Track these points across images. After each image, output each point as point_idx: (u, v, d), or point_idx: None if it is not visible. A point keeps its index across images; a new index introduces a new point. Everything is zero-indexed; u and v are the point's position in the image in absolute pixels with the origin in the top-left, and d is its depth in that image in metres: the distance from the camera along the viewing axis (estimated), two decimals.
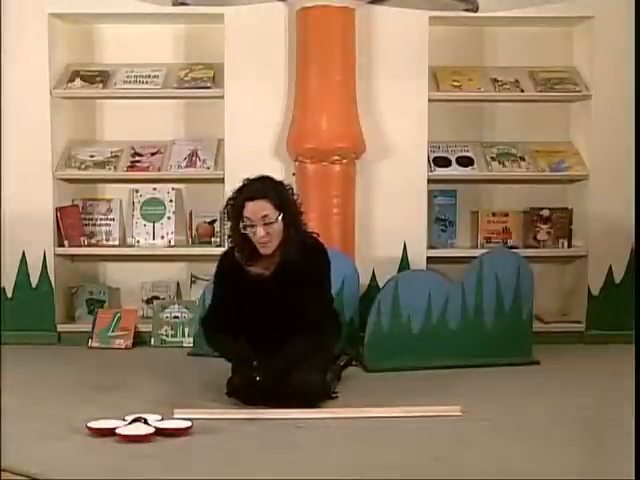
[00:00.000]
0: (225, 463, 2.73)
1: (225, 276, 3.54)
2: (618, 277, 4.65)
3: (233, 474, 2.64)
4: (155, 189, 4.78)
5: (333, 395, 3.47)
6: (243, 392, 3.33)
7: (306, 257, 3.42)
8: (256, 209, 3.34)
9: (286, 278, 3.43)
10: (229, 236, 3.52)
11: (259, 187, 3.39)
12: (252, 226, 3.35)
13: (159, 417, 3.08)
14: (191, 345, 4.49)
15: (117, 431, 2.94)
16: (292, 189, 3.51)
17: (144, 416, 3.05)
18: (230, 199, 3.45)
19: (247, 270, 3.47)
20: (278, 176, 4.44)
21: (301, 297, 3.41)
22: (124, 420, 3.03)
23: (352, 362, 3.92)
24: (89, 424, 3.01)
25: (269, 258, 3.46)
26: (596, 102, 4.60)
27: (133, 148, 4.75)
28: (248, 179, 3.44)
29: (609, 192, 4.60)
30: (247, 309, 3.46)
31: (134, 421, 3.01)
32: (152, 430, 2.95)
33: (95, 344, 4.54)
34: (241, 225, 3.37)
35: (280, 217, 3.36)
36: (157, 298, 4.79)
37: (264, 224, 3.34)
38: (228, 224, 3.49)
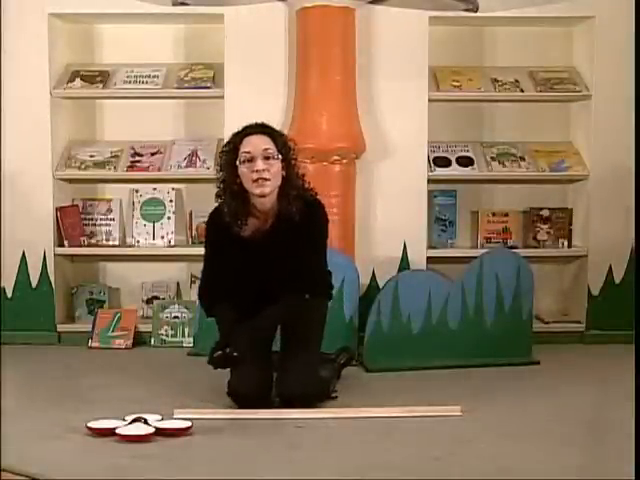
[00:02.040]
0: (225, 463, 2.74)
1: (217, 237, 3.36)
2: (618, 277, 4.64)
3: (233, 474, 2.64)
4: (155, 189, 4.78)
5: (332, 395, 3.47)
6: (241, 397, 3.33)
7: (305, 215, 3.28)
8: (257, 142, 3.22)
9: (283, 239, 3.28)
10: (218, 192, 3.32)
11: (260, 126, 3.30)
12: (251, 160, 3.20)
13: (159, 417, 3.08)
14: (191, 345, 4.49)
15: (117, 431, 2.95)
16: (292, 141, 3.37)
17: (144, 416, 3.05)
18: (226, 143, 3.32)
19: (239, 229, 3.29)
20: None
21: (298, 257, 3.26)
22: (124, 420, 3.03)
23: (352, 360, 3.91)
24: (89, 424, 3.01)
25: (263, 217, 3.31)
26: (596, 102, 4.60)
27: (133, 148, 4.75)
28: (247, 125, 3.33)
29: (609, 192, 4.60)
30: (243, 269, 3.31)
31: (134, 421, 3.01)
32: (152, 430, 2.95)
33: (95, 344, 4.54)
34: (238, 162, 3.21)
35: (281, 158, 3.24)
36: (157, 298, 4.79)
37: (264, 158, 3.20)
38: (220, 175, 3.31)
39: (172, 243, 4.74)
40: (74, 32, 4.75)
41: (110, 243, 4.80)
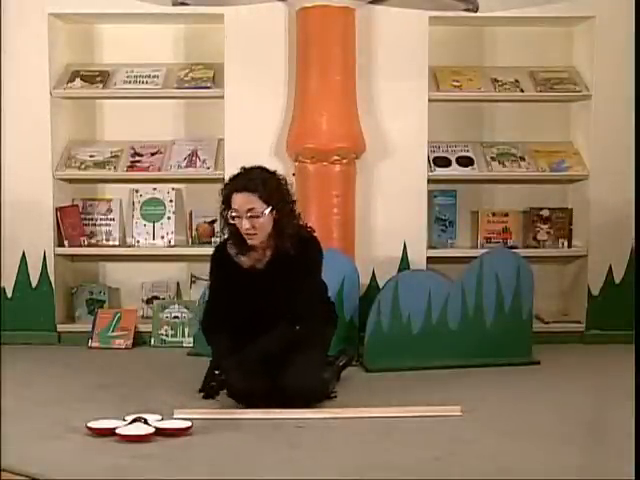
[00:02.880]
0: (225, 463, 2.74)
1: (218, 270, 3.53)
2: (618, 277, 4.65)
3: (233, 474, 2.64)
4: (155, 189, 4.79)
5: (331, 395, 3.47)
6: (241, 396, 3.34)
7: (300, 250, 3.42)
8: (242, 202, 3.34)
9: (279, 271, 3.42)
10: (223, 225, 3.49)
11: (249, 179, 3.36)
12: (239, 217, 3.34)
13: (159, 417, 3.08)
14: (191, 345, 4.49)
15: (117, 431, 2.95)
16: (286, 180, 3.47)
17: (144, 416, 3.05)
18: (223, 188, 3.44)
19: (240, 262, 3.46)
20: None
21: (293, 288, 3.39)
22: (124, 420, 3.03)
23: (352, 362, 3.92)
24: (89, 424, 3.01)
25: (261, 250, 3.45)
26: (596, 102, 4.60)
27: (133, 148, 4.75)
28: (244, 168, 3.42)
29: (609, 192, 4.60)
30: (241, 302, 3.45)
31: (134, 421, 3.01)
32: (152, 430, 2.95)
33: (95, 344, 4.54)
34: (229, 215, 3.37)
35: (268, 211, 3.33)
36: (157, 298, 4.79)
37: (249, 217, 3.33)
38: (222, 213, 3.45)
39: (172, 243, 4.74)
40: (74, 32, 4.75)
41: (110, 243, 4.80)
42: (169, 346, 4.57)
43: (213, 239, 4.72)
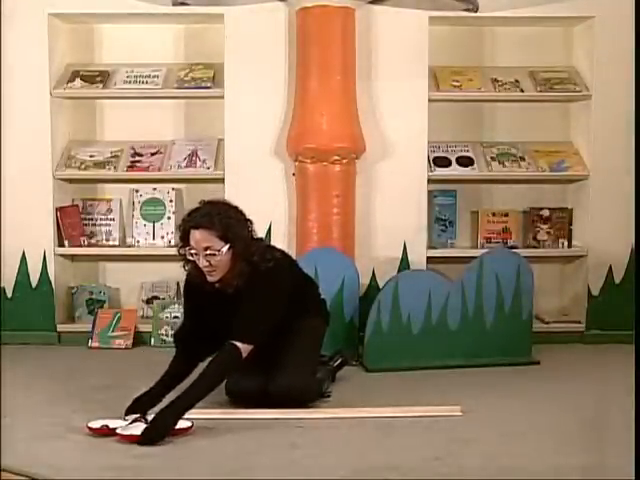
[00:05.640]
0: (225, 463, 2.74)
1: (190, 293, 3.44)
2: (618, 277, 4.64)
3: (233, 474, 2.64)
4: (155, 189, 4.78)
5: (325, 395, 3.47)
6: (238, 397, 3.35)
7: (259, 272, 3.27)
8: (199, 239, 3.19)
9: (244, 290, 3.28)
10: (184, 262, 3.34)
11: (205, 215, 3.22)
12: (196, 254, 3.22)
13: None
14: None
15: (118, 431, 2.95)
16: (244, 214, 3.31)
17: (144, 416, 3.05)
18: (180, 224, 3.33)
19: (209, 289, 3.32)
20: (278, 176, 4.51)
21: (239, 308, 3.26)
22: (124, 420, 3.03)
23: (347, 363, 3.90)
24: (89, 424, 3.01)
25: (229, 276, 3.30)
26: (596, 102, 4.59)
27: (133, 148, 4.75)
28: (203, 201, 3.30)
29: (609, 192, 4.60)
30: (211, 322, 3.35)
31: (134, 421, 3.01)
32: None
33: (95, 344, 4.54)
34: (187, 252, 3.25)
35: (226, 248, 3.19)
36: (157, 298, 4.79)
37: (206, 255, 3.20)
38: (180, 248, 3.32)
39: (172, 243, 4.73)
40: (74, 32, 4.75)
41: (110, 243, 4.80)
42: (169, 346, 4.53)
43: None
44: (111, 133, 4.82)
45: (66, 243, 4.63)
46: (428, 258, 4.57)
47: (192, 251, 3.24)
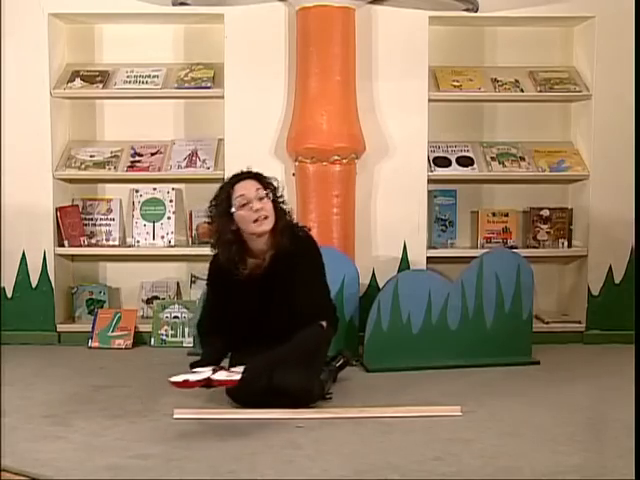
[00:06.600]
0: (225, 463, 2.74)
1: (216, 280, 3.53)
2: (618, 277, 4.64)
3: (233, 474, 2.64)
4: (155, 189, 4.79)
5: (327, 396, 3.47)
6: (239, 396, 3.34)
7: (300, 246, 3.43)
8: (248, 185, 3.39)
9: (281, 269, 3.41)
10: (214, 241, 3.47)
11: (247, 172, 3.45)
12: (247, 203, 3.35)
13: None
14: (191, 345, 4.49)
15: (215, 377, 3.08)
16: (276, 180, 3.52)
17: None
18: (215, 196, 3.45)
19: (237, 273, 3.42)
20: (278, 176, 4.48)
21: (298, 287, 3.38)
22: (195, 372, 3.13)
23: (348, 363, 3.90)
24: (171, 379, 3.10)
25: (259, 257, 3.44)
26: (596, 102, 4.59)
27: (133, 148, 4.75)
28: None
29: (609, 192, 4.60)
30: (242, 307, 3.43)
31: (214, 371, 3.13)
32: (238, 377, 3.09)
33: (95, 344, 4.54)
34: (233, 208, 3.36)
35: (271, 197, 3.39)
36: (157, 298, 4.79)
37: (259, 199, 3.36)
38: (213, 227, 3.45)
39: (172, 243, 4.74)
40: (74, 32, 4.75)
41: (110, 243, 4.80)
42: (169, 346, 4.57)
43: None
44: (111, 133, 4.82)
45: (66, 243, 4.63)
46: (428, 258, 4.57)
47: (242, 202, 3.34)
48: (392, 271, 4.44)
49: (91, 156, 4.71)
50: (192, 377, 3.11)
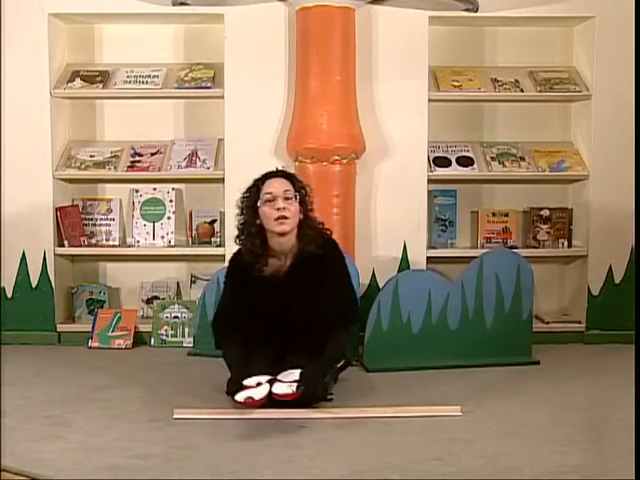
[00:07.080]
0: (225, 463, 2.73)
1: (237, 276, 3.56)
2: (618, 277, 4.64)
3: (233, 474, 2.64)
4: (155, 189, 4.79)
5: (328, 397, 3.46)
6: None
7: (326, 251, 3.49)
8: (278, 184, 3.46)
9: (304, 271, 3.46)
10: (240, 232, 3.52)
11: (281, 171, 3.55)
12: (272, 200, 3.41)
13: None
14: (191, 345, 4.49)
15: (275, 391, 3.11)
16: (308, 186, 3.59)
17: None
18: (247, 188, 3.52)
19: (260, 269, 3.48)
20: None
21: (322, 290, 3.44)
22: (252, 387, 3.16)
23: (350, 364, 3.90)
24: (238, 399, 3.12)
25: (281, 258, 3.50)
26: (596, 102, 4.59)
27: (133, 148, 4.75)
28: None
29: (609, 192, 4.60)
30: (262, 307, 3.47)
31: (269, 383, 3.17)
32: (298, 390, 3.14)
33: (95, 344, 4.54)
34: (259, 202, 3.43)
35: (299, 200, 3.46)
36: (157, 298, 4.79)
37: (285, 198, 3.42)
38: (240, 217, 3.52)
39: (172, 243, 4.74)
40: (74, 32, 4.75)
41: (110, 243, 4.80)
42: (169, 346, 4.57)
43: (213, 239, 4.74)
44: (111, 133, 4.82)
45: (66, 243, 4.63)
46: (428, 258, 4.57)
47: (269, 197, 3.42)
48: (392, 271, 4.44)
49: (91, 156, 4.71)
50: (254, 394, 3.14)
